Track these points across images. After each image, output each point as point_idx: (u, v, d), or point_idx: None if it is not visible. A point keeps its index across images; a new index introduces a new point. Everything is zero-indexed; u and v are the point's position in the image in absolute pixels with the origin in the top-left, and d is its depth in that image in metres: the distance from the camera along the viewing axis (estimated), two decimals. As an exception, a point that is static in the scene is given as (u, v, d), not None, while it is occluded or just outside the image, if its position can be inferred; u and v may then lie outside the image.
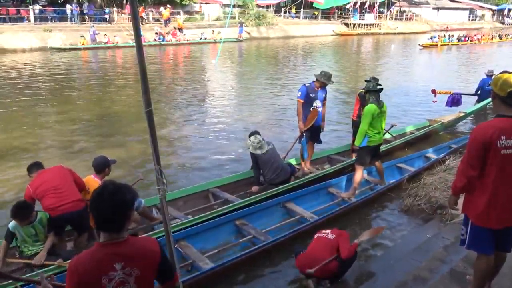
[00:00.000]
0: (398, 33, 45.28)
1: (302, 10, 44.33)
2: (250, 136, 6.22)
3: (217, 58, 21.34)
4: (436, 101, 10.52)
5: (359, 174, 6.01)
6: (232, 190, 6.17)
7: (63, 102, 12.72)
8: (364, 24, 46.13)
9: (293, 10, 44.11)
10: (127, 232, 2.03)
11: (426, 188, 6.04)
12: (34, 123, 10.35)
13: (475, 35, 40.27)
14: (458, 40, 37.64)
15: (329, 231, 4.38)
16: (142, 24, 30.18)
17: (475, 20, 65.97)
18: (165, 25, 31.57)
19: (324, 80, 6.73)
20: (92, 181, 4.74)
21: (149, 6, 33.61)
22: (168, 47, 28.25)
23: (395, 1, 53.92)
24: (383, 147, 6.99)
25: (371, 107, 5.82)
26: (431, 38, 35.25)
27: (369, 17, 47.50)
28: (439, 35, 36.37)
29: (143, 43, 10.88)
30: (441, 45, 34.35)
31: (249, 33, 35.20)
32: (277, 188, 5.96)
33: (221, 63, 21.22)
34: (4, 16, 26.68)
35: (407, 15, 55.06)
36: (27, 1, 28.89)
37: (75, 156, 8.11)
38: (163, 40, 29.12)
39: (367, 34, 43.77)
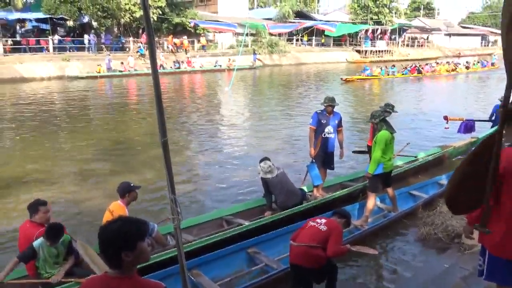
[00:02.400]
0: (410, 60, 45.44)
1: (314, 37, 44.92)
2: (260, 162, 6.25)
3: (231, 85, 21.63)
4: (448, 128, 10.43)
5: (372, 201, 5.94)
6: (246, 217, 6.14)
7: (79, 129, 12.94)
8: (376, 51, 46.48)
9: (305, 38, 44.72)
10: (134, 268, 2.01)
11: (442, 216, 5.91)
12: (50, 150, 10.53)
13: (426, 64, 32.68)
14: (406, 69, 30.73)
15: (323, 220, 4.15)
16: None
17: (488, 45, 66.04)
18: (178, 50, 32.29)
19: (326, 102, 6.85)
20: (117, 206, 4.80)
21: (164, 35, 34.41)
22: (183, 75, 28.75)
23: (407, 28, 54.37)
24: (394, 172, 6.93)
25: (384, 134, 5.81)
26: (363, 71, 28.60)
27: (381, 44, 47.88)
28: (380, 67, 29.84)
29: (160, 70, 11.06)
30: (366, 78, 27.53)
31: (261, 60, 35.72)
32: (288, 210, 5.93)
33: (235, 90, 21.50)
34: (25, 46, 27.63)
35: (418, 42, 55.38)
36: (47, 32, 29.89)
37: (90, 182, 8.19)
38: (178, 68, 29.67)
39: (379, 61, 44.02)
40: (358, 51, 45.86)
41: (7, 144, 11.42)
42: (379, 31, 47.78)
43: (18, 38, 29.12)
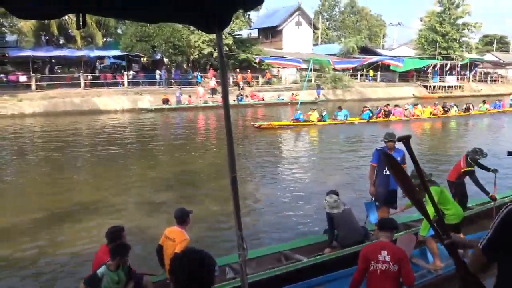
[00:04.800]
0: (481, 95, 43.20)
1: (379, 73, 44.32)
2: (326, 195, 6.12)
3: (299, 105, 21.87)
4: None
5: (431, 243, 5.55)
6: (305, 253, 5.99)
7: (146, 159, 13.54)
8: (445, 86, 44.79)
9: (371, 74, 44.12)
10: None
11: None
12: (119, 178, 11.06)
13: (396, 107, 24.35)
14: (364, 113, 22.66)
15: (385, 253, 4.04)
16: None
17: None
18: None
19: (387, 138, 6.66)
20: (178, 233, 4.90)
21: (229, 70, 35.61)
22: (246, 108, 29.37)
23: (478, 63, 52.10)
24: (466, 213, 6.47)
25: (434, 189, 5.42)
26: (296, 116, 21.20)
27: (450, 79, 46.10)
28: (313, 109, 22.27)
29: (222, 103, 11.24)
30: (291, 125, 20.59)
31: (325, 95, 35.73)
32: (349, 248, 5.71)
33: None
34: (103, 81, 29.87)
35: (491, 77, 52.74)
36: (123, 68, 32.18)
37: (154, 211, 8.44)
38: (241, 100, 30.40)
39: (449, 97, 42.31)
40: (426, 86, 44.45)
41: (81, 170, 12.17)
42: (448, 66, 46.18)
43: (97, 74, 31.67)
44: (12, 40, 30.91)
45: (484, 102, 29.42)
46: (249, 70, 35.23)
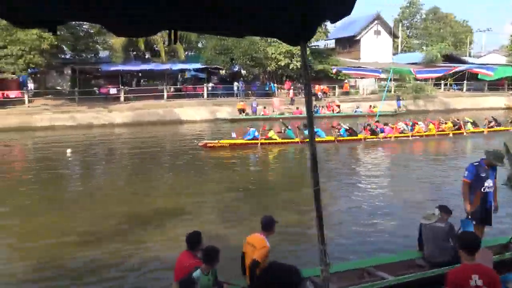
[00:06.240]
0: None
1: (465, 82, 41.68)
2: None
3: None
4: None
5: None
6: (390, 271, 5.69)
7: (223, 167, 13.86)
8: (543, 96, 40.90)
9: (465, 85, 41.18)
10: None
11: None
12: (196, 185, 11.41)
13: (374, 124, 19.73)
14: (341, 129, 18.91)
15: (478, 279, 3.68)
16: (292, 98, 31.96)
17: None
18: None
19: (492, 160, 6.13)
20: (258, 238, 4.88)
21: (301, 82, 35.60)
22: (321, 120, 29.04)
23: None
24: None
25: None
26: (246, 135, 17.90)
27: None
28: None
29: (299, 115, 11.37)
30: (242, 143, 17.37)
31: (405, 107, 34.28)
32: (439, 269, 5.33)
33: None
34: (184, 92, 31.38)
35: None
36: (203, 80, 33.57)
37: (232, 219, 8.57)
38: (317, 112, 30.14)
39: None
40: (520, 96, 40.94)
41: (163, 177, 12.74)
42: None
43: (179, 86, 33.34)
44: (104, 56, 33.55)
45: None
46: (324, 81, 34.90)
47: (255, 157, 16.22)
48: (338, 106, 31.78)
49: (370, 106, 31.62)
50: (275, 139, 17.68)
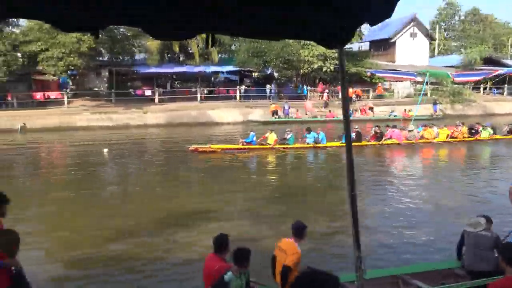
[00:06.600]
0: None
1: (506, 85, 40.14)
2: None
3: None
4: None
5: None
6: (427, 280, 5.52)
7: (255, 170, 13.87)
8: None
9: (490, 85, 39.79)
10: None
11: None
12: (228, 185, 11.48)
13: (393, 128, 19.18)
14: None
15: None
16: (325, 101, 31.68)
17: None
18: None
19: None
20: (289, 243, 4.84)
21: (337, 85, 35.19)
22: (355, 124, 28.59)
23: None
24: None
25: None
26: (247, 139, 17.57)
27: None
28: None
29: (332, 118, 11.21)
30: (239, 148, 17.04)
31: (442, 111, 33.32)
32: (479, 280, 5.13)
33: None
34: (217, 95, 31.68)
35: None
36: (236, 82, 33.83)
37: (263, 222, 8.56)
38: (350, 116, 29.73)
39: None
40: None
41: (194, 177, 12.90)
42: None
43: (211, 88, 33.72)
44: (140, 58, 34.30)
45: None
46: (358, 85, 34.45)
47: (268, 160, 16.26)
48: (371, 109, 31.26)
49: (405, 110, 30.85)
50: (269, 144, 17.11)
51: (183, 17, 2.27)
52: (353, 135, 17.32)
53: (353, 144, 16.93)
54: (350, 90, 33.24)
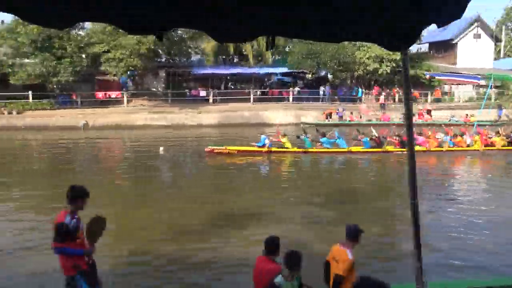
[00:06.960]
0: None
1: None
2: None
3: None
4: None
5: None
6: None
7: (308, 174, 13.74)
8: None
9: None
10: None
11: None
12: (282, 189, 11.44)
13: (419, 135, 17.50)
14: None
15: None
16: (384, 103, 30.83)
17: None
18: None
19: None
20: (341, 251, 4.66)
21: (395, 87, 34.14)
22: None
23: None
24: None
25: None
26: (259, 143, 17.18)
27: None
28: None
29: (387, 122, 10.90)
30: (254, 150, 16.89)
31: (508, 116, 31.39)
32: None
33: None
34: (270, 96, 31.76)
35: None
36: (289, 84, 33.71)
37: (314, 227, 8.47)
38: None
39: None
40: None
41: (246, 178, 12.97)
42: None
43: (265, 90, 33.86)
44: (195, 59, 35.08)
45: None
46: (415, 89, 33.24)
47: (299, 162, 15.96)
48: (429, 113, 30.02)
49: (467, 114, 29.35)
50: (287, 148, 16.91)
51: (245, 21, 2.29)
52: (371, 142, 17.04)
53: (369, 150, 16.76)
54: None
